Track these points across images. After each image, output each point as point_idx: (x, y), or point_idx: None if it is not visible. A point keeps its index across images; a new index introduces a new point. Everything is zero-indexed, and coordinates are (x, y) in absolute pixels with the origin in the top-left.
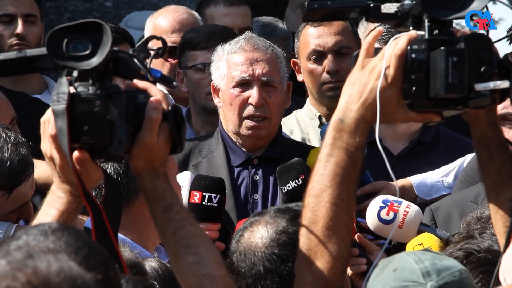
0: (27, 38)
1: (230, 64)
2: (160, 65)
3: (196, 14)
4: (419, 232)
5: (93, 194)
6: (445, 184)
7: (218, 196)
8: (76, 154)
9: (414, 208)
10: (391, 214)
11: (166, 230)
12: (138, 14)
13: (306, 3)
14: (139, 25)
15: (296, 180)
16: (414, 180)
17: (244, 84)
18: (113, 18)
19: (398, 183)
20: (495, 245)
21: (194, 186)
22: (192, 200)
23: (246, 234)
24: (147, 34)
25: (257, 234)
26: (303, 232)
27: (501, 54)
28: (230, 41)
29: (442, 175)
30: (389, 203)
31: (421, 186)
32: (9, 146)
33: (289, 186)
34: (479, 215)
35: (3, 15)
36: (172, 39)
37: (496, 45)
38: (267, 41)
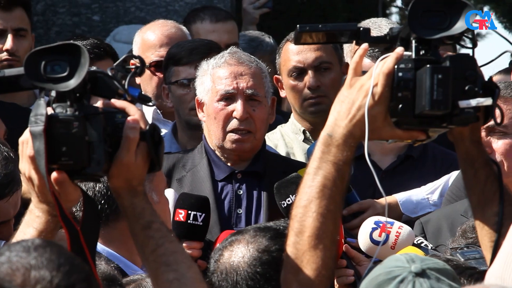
0: (17, 53)
1: (214, 78)
2: (148, 79)
3: (184, 28)
4: None
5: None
6: (431, 201)
7: (203, 214)
8: (54, 175)
9: (406, 229)
10: (384, 235)
11: (145, 248)
12: (126, 28)
13: (298, 26)
14: (127, 39)
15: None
16: (399, 197)
17: (228, 98)
18: (101, 32)
19: (384, 201)
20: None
21: (179, 204)
22: (177, 218)
23: (226, 253)
24: (135, 48)
25: (238, 253)
26: (290, 241)
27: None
28: (215, 56)
29: (428, 193)
30: (381, 224)
31: (407, 204)
32: None
33: (289, 201)
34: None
35: None
36: (161, 53)
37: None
38: (252, 56)
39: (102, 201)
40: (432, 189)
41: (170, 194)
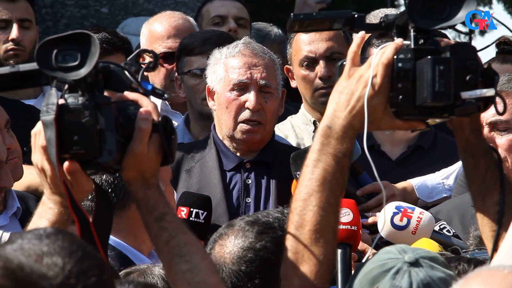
0: (22, 43)
1: (228, 67)
2: (156, 71)
3: (191, 20)
4: (432, 239)
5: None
6: (446, 186)
7: (205, 213)
8: (66, 164)
9: (427, 215)
10: (405, 220)
11: (159, 240)
12: (135, 20)
13: (292, 14)
14: (135, 31)
15: None
16: (415, 182)
17: (241, 88)
18: (109, 24)
19: (399, 185)
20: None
21: (181, 202)
22: (179, 215)
23: (216, 247)
24: (143, 40)
25: (226, 249)
26: (290, 235)
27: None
28: (228, 45)
29: (443, 178)
30: (402, 209)
31: (422, 189)
32: None
33: None
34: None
35: None
36: (168, 44)
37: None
38: (265, 48)
39: (109, 190)
40: (447, 174)
41: None
